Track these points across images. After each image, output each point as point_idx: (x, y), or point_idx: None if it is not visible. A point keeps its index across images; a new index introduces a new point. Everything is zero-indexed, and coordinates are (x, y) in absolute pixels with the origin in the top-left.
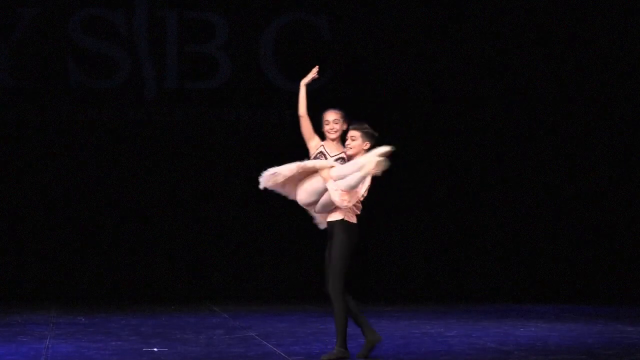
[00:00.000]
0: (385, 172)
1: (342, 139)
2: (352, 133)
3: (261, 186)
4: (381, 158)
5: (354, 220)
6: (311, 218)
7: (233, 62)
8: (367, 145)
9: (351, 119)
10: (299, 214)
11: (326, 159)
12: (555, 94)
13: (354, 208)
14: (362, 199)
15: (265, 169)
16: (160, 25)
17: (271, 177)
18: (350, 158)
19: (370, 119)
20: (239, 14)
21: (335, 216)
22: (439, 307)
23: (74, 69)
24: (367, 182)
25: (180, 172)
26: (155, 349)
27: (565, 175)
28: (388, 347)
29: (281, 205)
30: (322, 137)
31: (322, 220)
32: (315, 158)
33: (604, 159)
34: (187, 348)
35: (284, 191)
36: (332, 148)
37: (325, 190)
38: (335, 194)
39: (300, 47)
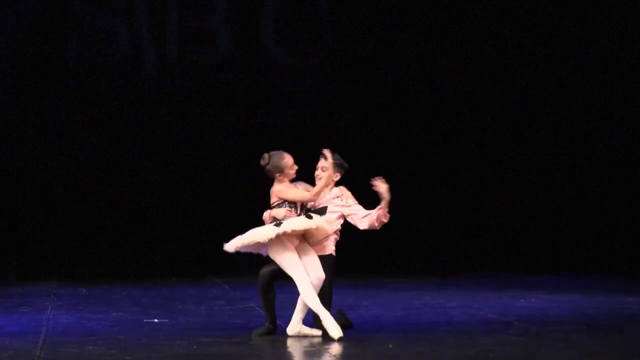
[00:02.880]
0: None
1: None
2: (323, 164)
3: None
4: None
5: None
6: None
7: (233, 36)
8: (338, 176)
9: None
10: None
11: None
12: (555, 94)
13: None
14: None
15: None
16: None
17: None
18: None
19: (371, 118)
20: None
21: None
22: (439, 279)
23: (73, 43)
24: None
25: (181, 145)
26: (156, 320)
27: (567, 140)
28: (389, 318)
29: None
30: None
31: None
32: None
33: (606, 142)
34: (188, 319)
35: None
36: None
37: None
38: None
39: (300, 21)
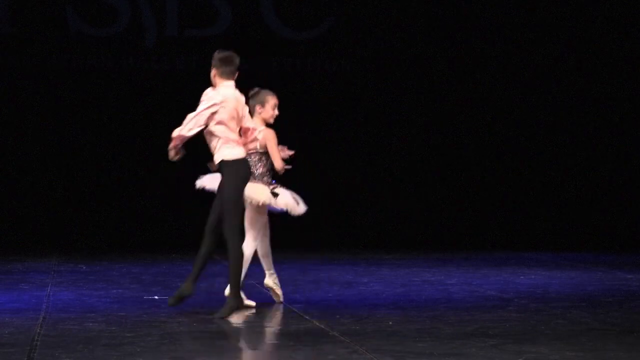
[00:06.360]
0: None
1: None
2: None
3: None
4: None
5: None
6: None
7: (233, 10)
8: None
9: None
10: (304, 167)
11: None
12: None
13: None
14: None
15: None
16: None
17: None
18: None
19: (373, 95)
20: None
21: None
22: (439, 255)
23: (73, 16)
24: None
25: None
26: (156, 297)
27: (567, 124)
28: (388, 294)
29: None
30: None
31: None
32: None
33: (606, 118)
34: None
35: None
36: None
37: None
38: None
39: None
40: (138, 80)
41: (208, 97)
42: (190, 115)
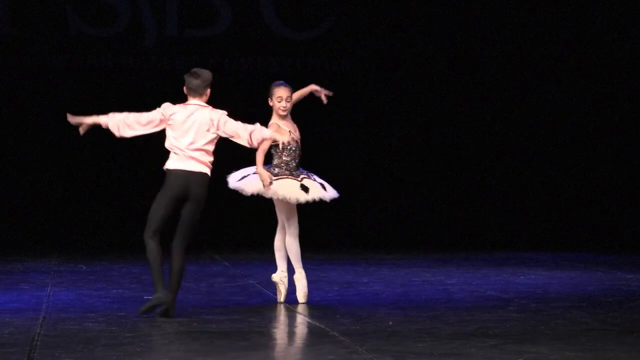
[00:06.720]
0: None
1: None
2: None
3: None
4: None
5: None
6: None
7: (233, 10)
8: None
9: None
10: (304, 167)
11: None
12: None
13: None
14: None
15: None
16: None
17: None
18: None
19: (373, 95)
20: None
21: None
22: (439, 255)
23: (73, 16)
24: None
25: None
26: None
27: (567, 124)
28: (388, 294)
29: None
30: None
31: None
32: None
33: (605, 115)
34: (188, 296)
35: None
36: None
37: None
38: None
39: None
40: (138, 80)
41: (159, 108)
42: (143, 116)
